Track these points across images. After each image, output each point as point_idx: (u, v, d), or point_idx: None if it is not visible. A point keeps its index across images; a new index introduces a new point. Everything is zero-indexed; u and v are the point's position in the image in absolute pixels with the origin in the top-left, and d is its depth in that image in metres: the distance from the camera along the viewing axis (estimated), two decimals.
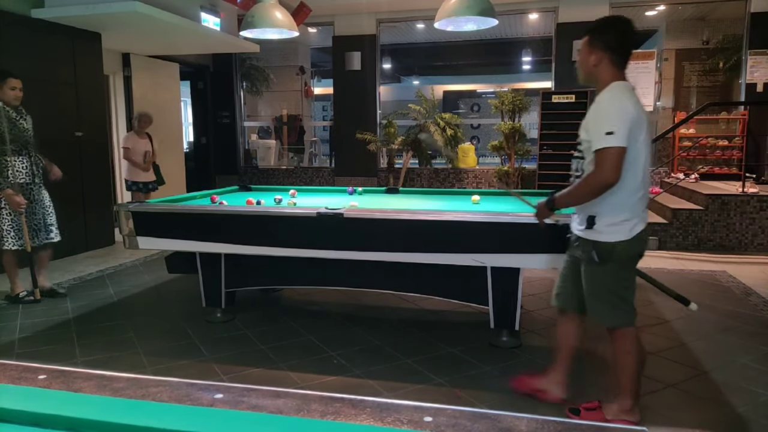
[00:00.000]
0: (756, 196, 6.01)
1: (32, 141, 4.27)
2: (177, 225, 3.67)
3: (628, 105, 2.20)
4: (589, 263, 2.35)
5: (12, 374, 1.04)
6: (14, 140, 4.11)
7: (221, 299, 3.86)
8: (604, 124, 2.16)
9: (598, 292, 2.36)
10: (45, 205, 4.35)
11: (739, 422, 2.52)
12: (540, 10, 8.54)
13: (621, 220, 2.25)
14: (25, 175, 4.20)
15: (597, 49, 2.30)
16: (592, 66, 2.33)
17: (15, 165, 4.13)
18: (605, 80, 2.31)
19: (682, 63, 9.92)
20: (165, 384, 0.99)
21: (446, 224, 3.19)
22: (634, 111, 2.19)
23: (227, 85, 9.71)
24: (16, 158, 4.14)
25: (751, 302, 4.28)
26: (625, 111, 2.17)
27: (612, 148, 2.14)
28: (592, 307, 2.41)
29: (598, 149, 2.17)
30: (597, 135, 2.17)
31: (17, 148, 4.14)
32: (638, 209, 2.27)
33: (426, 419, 0.85)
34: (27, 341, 3.59)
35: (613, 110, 2.19)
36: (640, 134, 2.21)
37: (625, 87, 2.27)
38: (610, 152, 2.14)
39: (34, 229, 4.28)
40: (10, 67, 4.84)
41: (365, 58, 8.71)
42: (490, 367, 3.09)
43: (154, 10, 5.51)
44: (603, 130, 2.15)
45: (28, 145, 4.21)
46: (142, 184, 6.51)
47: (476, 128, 12.49)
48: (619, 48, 2.29)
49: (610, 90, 2.28)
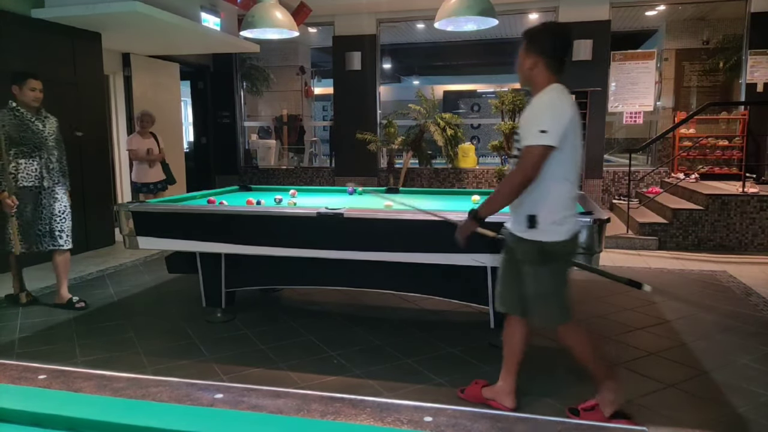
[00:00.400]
0: (756, 196, 6.00)
1: (50, 144, 4.13)
2: (177, 225, 3.67)
3: (565, 107, 2.26)
4: (532, 264, 2.35)
5: (12, 374, 1.04)
6: (25, 142, 4.01)
7: (221, 299, 3.86)
8: (539, 123, 2.22)
9: (545, 293, 2.37)
10: (54, 211, 4.16)
11: (739, 422, 2.52)
12: (540, 10, 8.54)
13: (561, 217, 2.30)
14: (33, 179, 4.07)
15: (532, 54, 2.34)
16: (527, 69, 2.37)
17: (22, 167, 4.03)
18: (541, 83, 2.35)
19: (682, 63, 9.92)
20: (165, 384, 0.99)
21: (446, 224, 3.18)
22: (570, 113, 2.25)
23: (227, 85, 9.71)
24: (25, 160, 4.03)
25: (752, 302, 4.28)
26: (560, 112, 2.24)
27: (541, 146, 2.20)
28: (538, 309, 2.42)
29: (527, 145, 2.23)
30: (529, 132, 2.23)
31: (28, 150, 4.03)
32: (573, 207, 2.35)
33: (426, 419, 0.85)
34: (27, 341, 3.59)
35: (549, 111, 2.25)
36: (574, 137, 2.28)
37: (561, 89, 2.32)
38: (538, 149, 2.21)
39: (38, 235, 4.14)
40: (10, 66, 4.84)
41: (365, 58, 8.71)
42: (490, 367, 3.08)
43: (154, 10, 5.51)
44: (537, 128, 2.21)
45: (42, 148, 4.08)
46: (152, 185, 6.26)
47: (476, 128, 12.49)
48: (554, 53, 2.32)
49: (547, 92, 2.32)
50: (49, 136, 4.14)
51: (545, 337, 3.59)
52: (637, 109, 8.10)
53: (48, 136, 4.14)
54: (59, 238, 4.19)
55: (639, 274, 5.13)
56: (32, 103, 4.07)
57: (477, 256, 3.11)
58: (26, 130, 4.03)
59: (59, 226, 4.19)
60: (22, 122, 4.03)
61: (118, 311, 4.20)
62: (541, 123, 2.21)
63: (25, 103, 4.06)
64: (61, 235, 4.20)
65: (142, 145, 6.24)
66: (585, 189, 7.59)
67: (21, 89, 4.04)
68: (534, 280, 2.38)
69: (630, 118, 8.19)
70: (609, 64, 8.05)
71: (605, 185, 8.26)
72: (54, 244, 4.18)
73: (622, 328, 3.71)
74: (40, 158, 4.09)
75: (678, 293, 4.54)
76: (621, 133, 10.24)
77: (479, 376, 2.97)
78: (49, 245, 4.18)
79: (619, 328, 3.71)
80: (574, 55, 7.98)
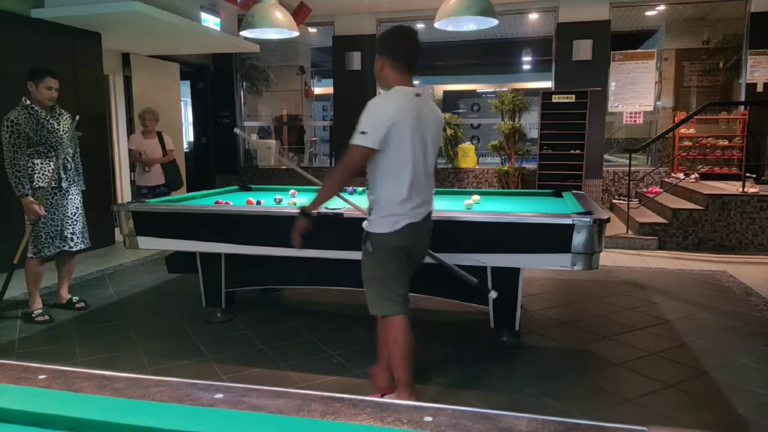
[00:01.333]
0: (756, 196, 6.00)
1: (65, 143, 3.97)
2: (177, 225, 3.67)
3: (390, 111, 2.30)
4: (363, 252, 2.50)
5: (12, 374, 1.04)
6: (42, 142, 3.86)
7: (221, 299, 3.86)
8: (361, 124, 2.32)
9: (367, 280, 2.51)
10: (67, 213, 4.03)
11: (739, 423, 2.52)
12: (540, 10, 8.54)
13: (389, 212, 2.40)
14: (50, 179, 3.91)
15: (381, 56, 2.43)
16: (378, 71, 2.47)
17: (38, 168, 3.88)
18: (390, 84, 2.44)
19: (682, 63, 9.93)
20: (165, 384, 0.99)
21: (446, 224, 3.18)
22: (394, 118, 2.29)
23: (227, 85, 9.71)
24: (41, 161, 3.89)
25: (752, 302, 4.28)
26: (382, 115, 2.30)
27: (359, 146, 2.30)
28: (367, 294, 2.53)
29: (350, 143, 2.34)
30: (355, 131, 2.33)
31: (45, 150, 3.89)
32: (409, 203, 2.40)
33: (426, 419, 0.85)
34: (27, 341, 3.59)
35: (372, 113, 2.32)
36: (404, 141, 2.32)
37: (401, 92, 2.38)
38: (357, 149, 2.32)
39: (50, 237, 3.97)
40: (10, 66, 4.84)
41: (365, 58, 8.71)
42: (491, 367, 3.09)
43: (154, 10, 5.51)
44: (359, 128, 2.31)
45: (58, 147, 3.93)
46: (150, 188, 5.80)
47: (476, 128, 12.48)
48: (398, 55, 2.40)
49: (385, 93, 2.43)
50: (64, 134, 4.00)
51: (545, 336, 3.59)
52: (637, 109, 8.10)
53: (63, 135, 3.99)
54: (70, 240, 4.08)
55: (639, 274, 5.13)
56: (46, 102, 3.92)
57: (477, 256, 3.11)
58: (42, 129, 3.88)
59: (71, 228, 4.07)
60: (38, 121, 3.87)
61: (118, 311, 4.20)
62: (362, 124, 2.31)
63: (39, 101, 3.90)
64: (72, 238, 4.08)
65: (143, 145, 5.86)
66: (585, 189, 7.59)
67: (37, 86, 3.88)
68: (363, 266, 2.52)
69: (630, 118, 8.20)
70: (609, 64, 8.05)
71: (605, 185, 8.26)
72: (64, 245, 4.06)
73: (622, 328, 3.71)
74: (57, 158, 3.94)
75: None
76: (621, 133, 10.24)
77: (479, 376, 2.98)
78: (60, 246, 4.04)
79: (619, 328, 3.71)
80: (575, 55, 7.99)
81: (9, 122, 3.79)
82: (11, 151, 3.78)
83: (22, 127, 3.80)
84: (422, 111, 2.40)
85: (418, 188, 2.41)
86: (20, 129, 3.80)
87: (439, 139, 2.58)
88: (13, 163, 3.77)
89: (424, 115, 2.40)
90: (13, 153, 3.78)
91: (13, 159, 3.77)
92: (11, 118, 3.79)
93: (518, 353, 3.31)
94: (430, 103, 2.51)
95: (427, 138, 2.41)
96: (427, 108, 2.45)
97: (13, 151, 3.78)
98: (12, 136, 3.78)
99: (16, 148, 3.78)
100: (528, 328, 3.69)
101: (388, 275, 2.45)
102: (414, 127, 2.34)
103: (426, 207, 2.50)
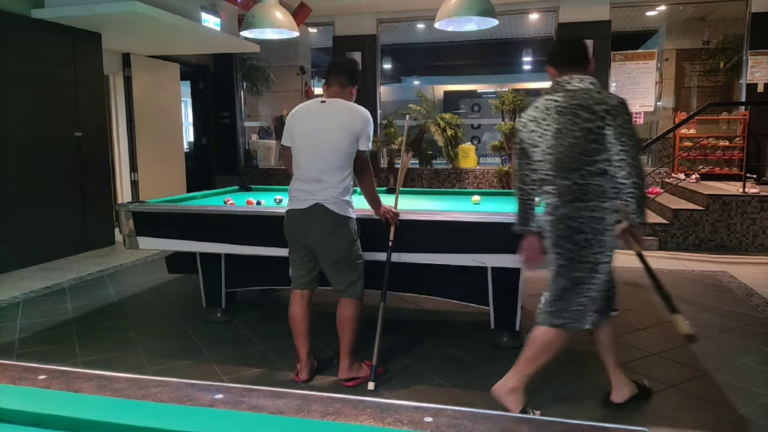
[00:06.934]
0: (757, 196, 6.00)
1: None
2: (177, 225, 3.67)
3: (293, 116, 2.90)
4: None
5: (12, 374, 1.04)
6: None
7: (221, 299, 3.86)
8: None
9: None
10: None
11: (740, 423, 2.51)
12: (540, 10, 8.54)
13: (288, 198, 2.98)
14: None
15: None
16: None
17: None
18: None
19: (682, 63, 9.92)
20: (165, 384, 0.99)
21: (446, 224, 3.18)
22: (290, 120, 2.89)
23: (227, 85, 9.71)
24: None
25: (753, 303, 4.27)
26: (288, 121, 2.91)
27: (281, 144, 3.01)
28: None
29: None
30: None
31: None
32: (298, 191, 2.88)
33: (426, 419, 0.85)
34: (27, 341, 3.59)
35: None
36: (297, 140, 2.85)
37: (310, 101, 2.94)
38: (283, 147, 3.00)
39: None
40: (10, 66, 4.84)
41: (365, 58, 8.71)
42: (491, 367, 3.08)
43: (154, 10, 5.51)
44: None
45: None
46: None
47: (476, 128, 12.48)
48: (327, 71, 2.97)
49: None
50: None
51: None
52: (638, 110, 8.09)
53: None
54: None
55: (639, 274, 5.12)
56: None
57: (477, 256, 3.11)
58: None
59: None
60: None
61: (118, 311, 4.20)
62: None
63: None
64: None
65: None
66: None
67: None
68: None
69: None
70: (609, 64, 8.04)
71: None
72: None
73: (623, 328, 3.71)
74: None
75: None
76: None
77: (480, 376, 2.97)
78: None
79: (620, 329, 3.70)
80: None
81: None
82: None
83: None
84: (312, 117, 2.85)
85: (304, 180, 2.86)
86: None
87: (338, 140, 2.80)
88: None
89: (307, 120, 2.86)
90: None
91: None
92: None
93: (519, 354, 3.30)
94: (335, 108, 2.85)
95: (307, 141, 2.82)
96: (313, 114, 2.86)
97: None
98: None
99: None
100: (528, 329, 3.68)
101: (290, 250, 3.10)
102: (300, 133, 2.84)
103: (305, 199, 2.88)
